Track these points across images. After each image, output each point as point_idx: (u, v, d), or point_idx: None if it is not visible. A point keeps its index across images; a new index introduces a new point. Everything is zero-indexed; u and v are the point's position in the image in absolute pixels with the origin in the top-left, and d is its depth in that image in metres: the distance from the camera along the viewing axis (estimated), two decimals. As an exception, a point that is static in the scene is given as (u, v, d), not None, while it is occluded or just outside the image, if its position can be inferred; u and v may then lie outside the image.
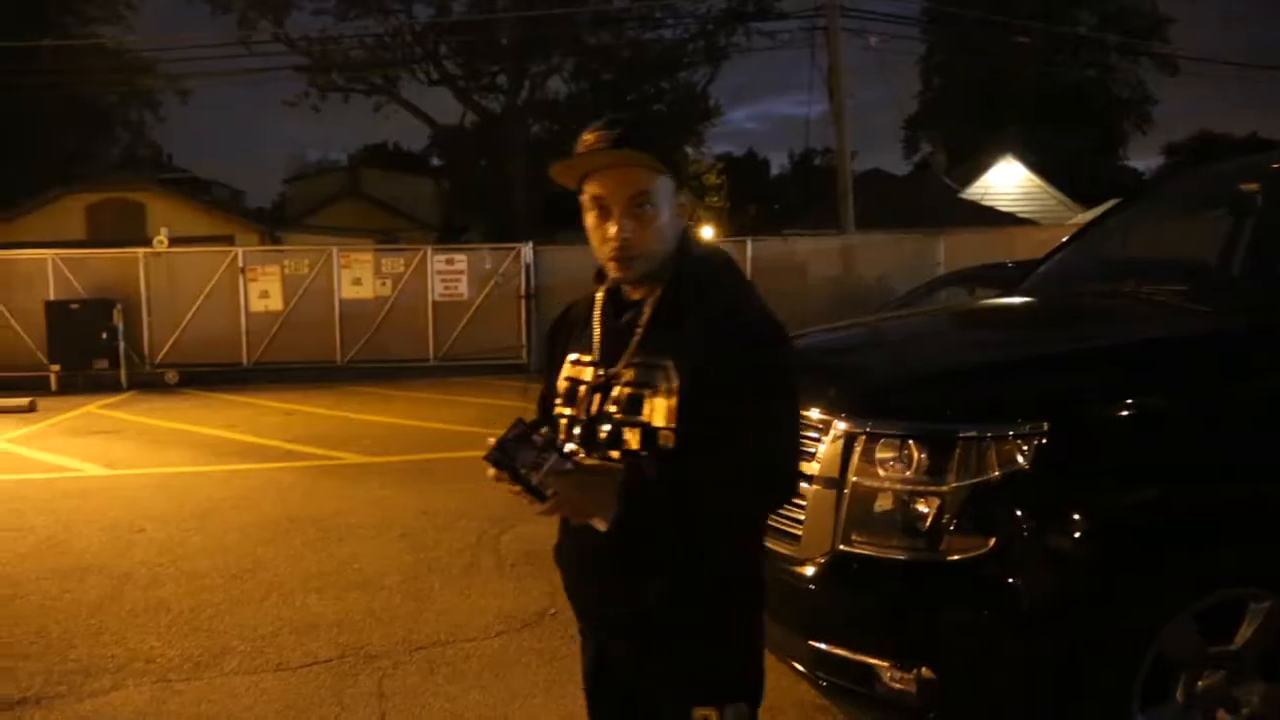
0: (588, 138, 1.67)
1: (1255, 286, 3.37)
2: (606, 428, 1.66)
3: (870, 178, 23.17)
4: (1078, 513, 2.37)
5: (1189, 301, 3.14)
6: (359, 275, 14.79)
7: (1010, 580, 2.38)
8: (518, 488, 1.53)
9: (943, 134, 33.21)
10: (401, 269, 14.88)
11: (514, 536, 5.49)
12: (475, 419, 10.01)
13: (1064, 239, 4.43)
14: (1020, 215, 21.54)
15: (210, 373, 14.12)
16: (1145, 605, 2.37)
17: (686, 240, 1.74)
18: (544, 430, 1.60)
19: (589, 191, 1.68)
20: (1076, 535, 2.36)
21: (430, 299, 14.77)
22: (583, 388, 1.72)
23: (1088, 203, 21.73)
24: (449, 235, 26.44)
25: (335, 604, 4.49)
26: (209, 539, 5.64)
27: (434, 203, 30.49)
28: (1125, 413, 2.47)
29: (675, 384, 1.61)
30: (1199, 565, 2.46)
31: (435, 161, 34.32)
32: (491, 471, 1.54)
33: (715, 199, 25.41)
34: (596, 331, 1.75)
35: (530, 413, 1.79)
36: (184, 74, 24.69)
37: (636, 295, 1.72)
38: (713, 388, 1.60)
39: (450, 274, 14.83)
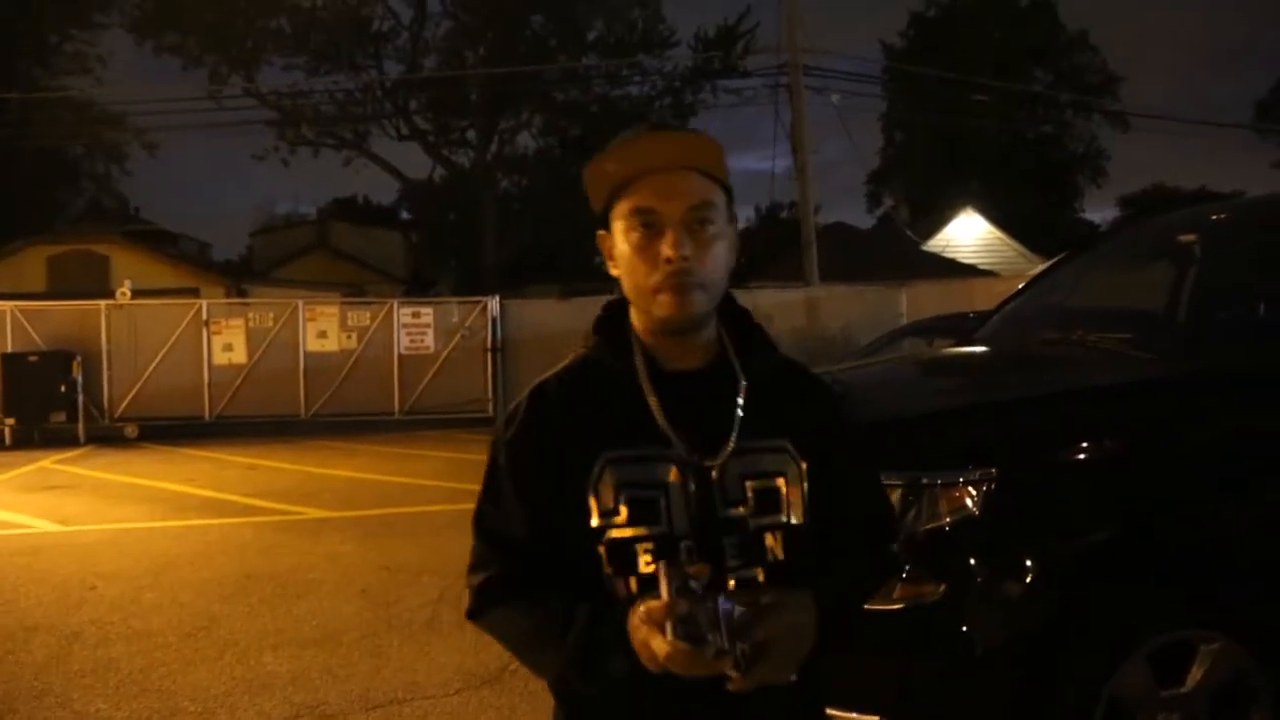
0: (637, 137, 1.29)
1: (1197, 334, 3.46)
2: (735, 540, 1.26)
3: (834, 231, 23.51)
4: (1028, 557, 2.39)
5: (1134, 349, 3.21)
6: (324, 328, 14.73)
7: (963, 626, 2.39)
8: (705, 661, 1.10)
9: (905, 188, 33.88)
10: (367, 322, 14.85)
11: (476, 590, 5.43)
12: (440, 473, 9.93)
13: (1017, 289, 4.53)
14: (981, 267, 21.93)
15: (171, 427, 13.93)
16: (1098, 649, 2.39)
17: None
18: (696, 568, 1.14)
19: (631, 203, 1.27)
20: (1028, 579, 2.39)
21: (396, 352, 14.73)
22: (663, 493, 1.26)
23: (1046, 254, 22.13)
24: (417, 288, 26.42)
25: (291, 662, 4.40)
26: (162, 596, 5.52)
27: (403, 256, 30.51)
28: (1073, 457, 2.51)
29: (804, 467, 1.31)
30: (1150, 608, 2.48)
31: (404, 215, 34.45)
32: (682, 653, 1.09)
33: (682, 252, 25.70)
34: (659, 411, 1.28)
35: None
36: (153, 127, 24.75)
37: (691, 362, 1.32)
38: (830, 466, 1.34)
39: (416, 327, 14.81)
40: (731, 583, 1.22)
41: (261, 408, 14.38)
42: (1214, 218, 4.15)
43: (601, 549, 1.27)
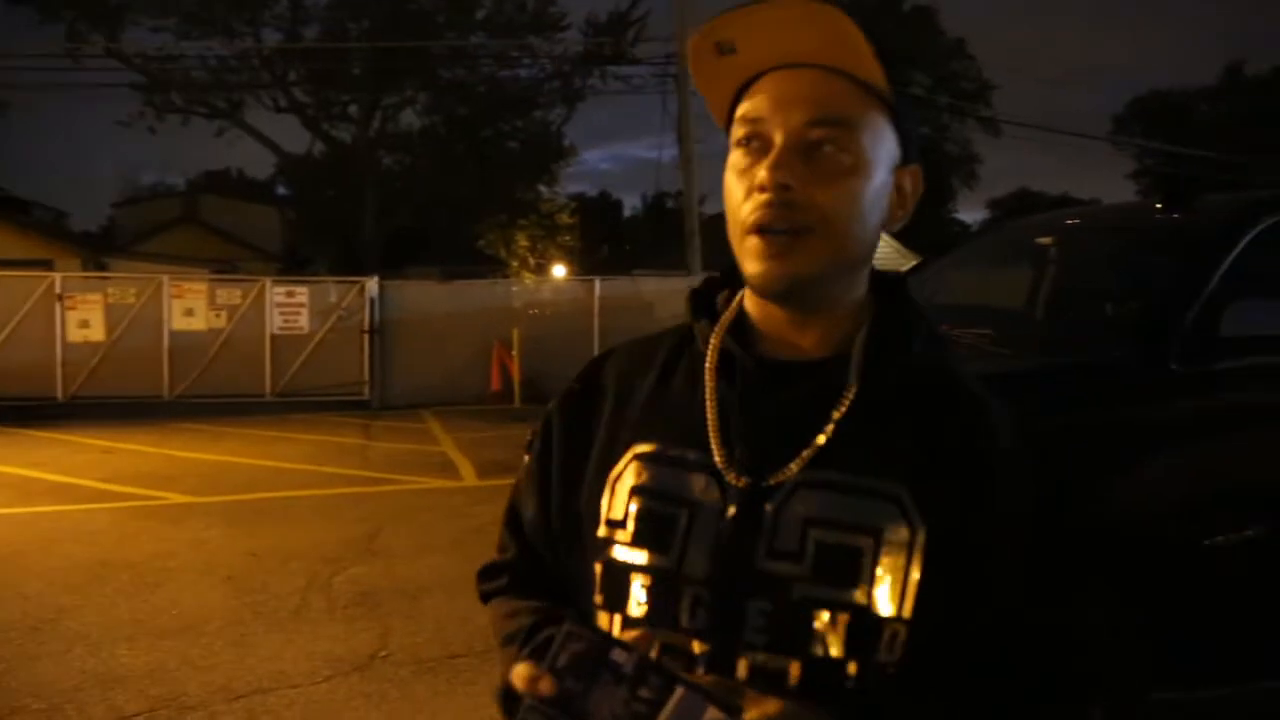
0: (753, 6, 0.87)
1: (1052, 332, 3.67)
2: (766, 607, 0.85)
3: (719, 221, 23.78)
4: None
5: (992, 345, 3.37)
6: (191, 306, 14.07)
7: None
8: None
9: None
10: (238, 300, 14.26)
11: (347, 578, 5.31)
12: (312, 457, 9.66)
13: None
14: (858, 262, 22.59)
15: (19, 407, 13.06)
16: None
17: (884, 273, 0.99)
18: (633, 634, 0.83)
19: (741, 111, 0.91)
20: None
21: (268, 332, 14.20)
22: (686, 513, 0.89)
23: (921, 252, 23.03)
24: (293, 267, 25.59)
25: (148, 654, 4.21)
26: (5, 588, 5.18)
27: (279, 233, 29.52)
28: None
29: (922, 536, 0.85)
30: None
31: (281, 191, 33.24)
32: None
33: (568, 238, 25.57)
34: (711, 402, 0.92)
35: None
36: (2, 84, 23.09)
37: (805, 352, 0.93)
38: (970, 544, 0.86)
39: (290, 307, 14.32)
40: (704, 675, 0.84)
41: (121, 388, 13.63)
42: (1069, 222, 4.39)
43: (598, 568, 0.94)
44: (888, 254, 24.14)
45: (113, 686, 3.85)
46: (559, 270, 23.87)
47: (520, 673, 0.78)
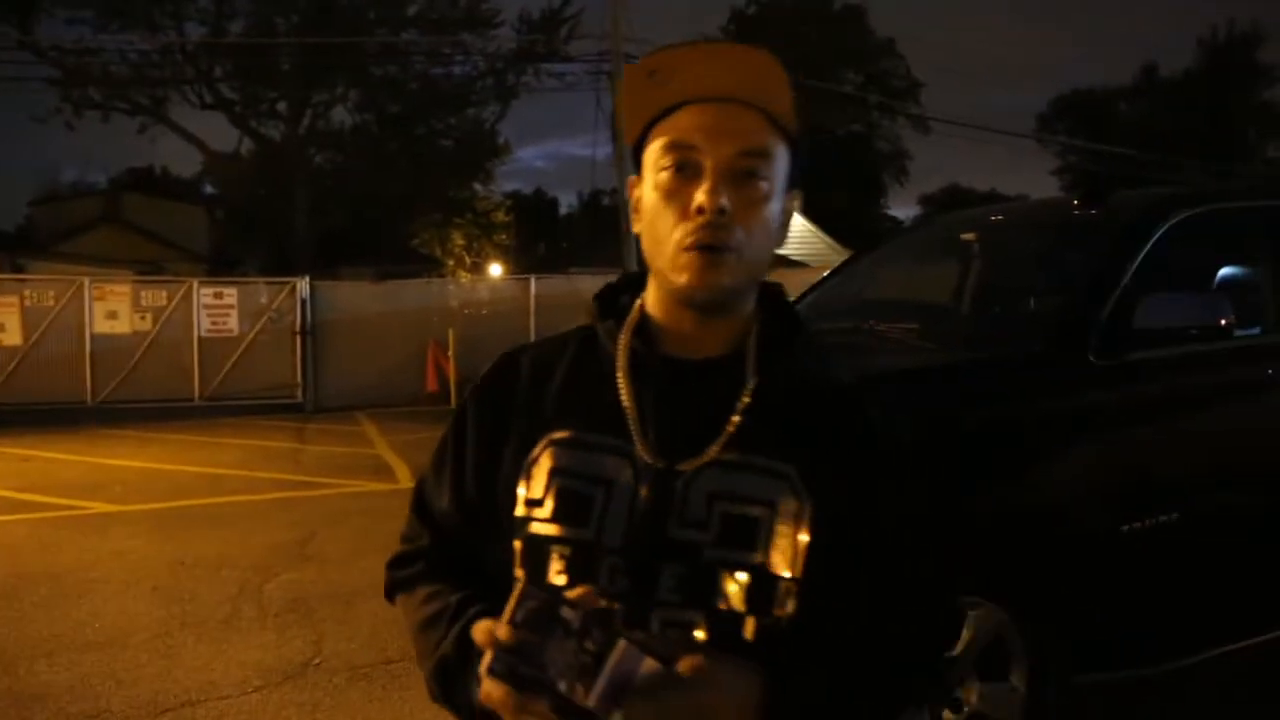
0: (692, 47, 1.01)
1: (976, 326, 3.76)
2: (679, 569, 0.97)
3: (655, 219, 23.87)
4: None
5: (918, 339, 3.44)
6: (115, 308, 13.68)
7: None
8: (530, 712, 0.83)
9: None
10: (164, 302, 13.91)
11: (279, 585, 5.21)
12: (242, 461, 9.45)
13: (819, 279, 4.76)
14: (793, 258, 22.87)
15: (-69, 415, 12.58)
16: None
17: (767, 282, 1.09)
18: (576, 592, 0.86)
19: (668, 136, 1.00)
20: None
21: (196, 334, 13.87)
22: (602, 490, 1.00)
23: (853, 247, 23.33)
24: (221, 267, 24.97)
25: (69, 669, 4.07)
26: (-84, 603, 4.99)
27: (206, 233, 28.75)
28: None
29: (809, 508, 0.97)
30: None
31: (208, 189, 32.41)
32: (499, 695, 0.84)
33: (503, 236, 25.41)
34: (628, 393, 1.03)
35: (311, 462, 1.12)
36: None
37: (706, 351, 1.04)
38: (853, 522, 0.99)
39: (219, 308, 13.99)
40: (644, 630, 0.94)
41: (41, 394, 13.20)
42: (993, 219, 4.50)
43: (518, 544, 1.02)
44: (821, 250, 24.46)
45: (30, 705, 3.72)
46: (495, 269, 23.72)
47: (482, 627, 0.89)
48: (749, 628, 0.96)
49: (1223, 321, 2.94)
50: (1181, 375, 3.08)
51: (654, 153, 1.02)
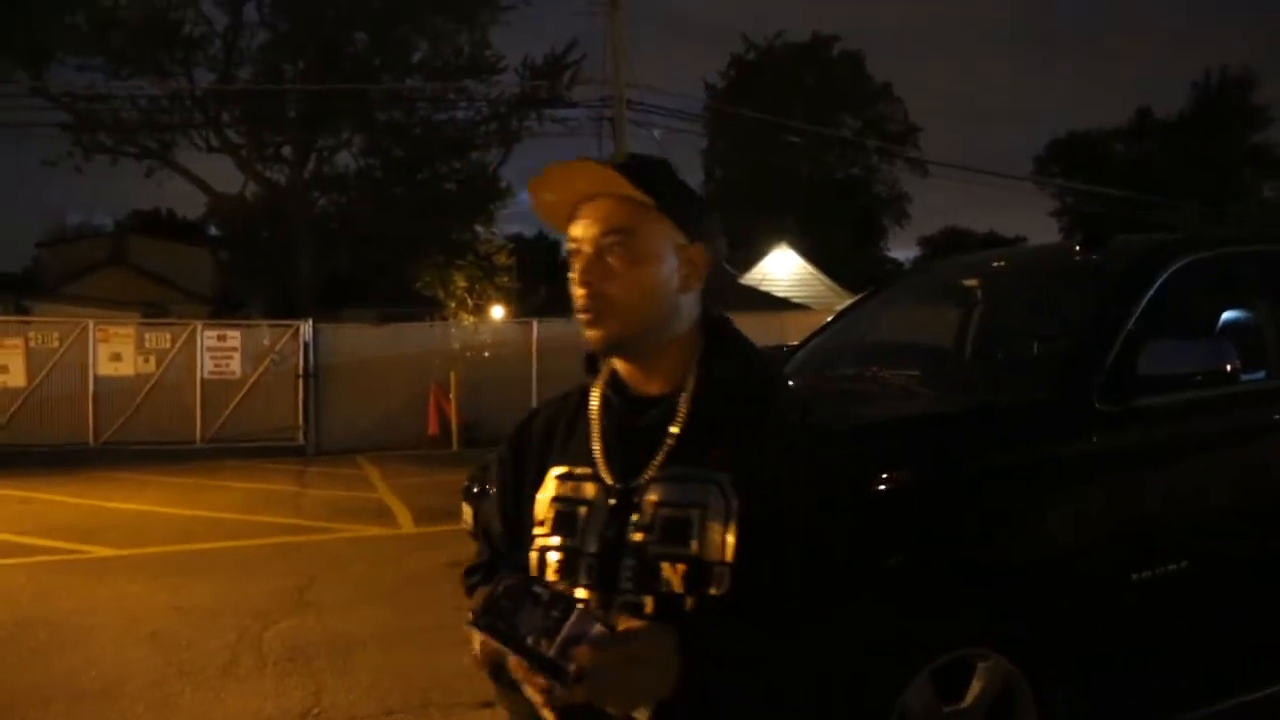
0: (547, 168, 1.32)
1: (979, 372, 3.75)
2: (632, 564, 1.24)
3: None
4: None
5: (920, 386, 3.43)
6: (119, 350, 13.72)
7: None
8: (524, 668, 1.12)
9: (724, 222, 35.10)
10: (168, 344, 13.97)
11: (278, 633, 5.15)
12: (243, 505, 9.41)
13: (823, 324, 4.76)
14: (794, 300, 22.96)
15: (-68, 458, 12.55)
16: (887, 670, 2.52)
17: (717, 318, 1.39)
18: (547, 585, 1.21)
19: (569, 233, 1.32)
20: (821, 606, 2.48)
21: (199, 376, 13.89)
22: (584, 509, 1.30)
23: (854, 290, 23.43)
24: (225, 309, 25.05)
25: (64, 718, 4.03)
26: (-88, 650, 4.94)
27: (210, 275, 28.88)
28: (858, 490, 2.63)
29: (735, 504, 1.22)
30: (936, 628, 2.64)
31: (213, 231, 32.60)
32: (478, 643, 1.19)
33: (506, 279, 25.47)
34: (596, 433, 1.34)
35: (312, 498, 1.54)
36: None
37: (653, 389, 1.33)
38: (781, 508, 1.23)
39: (222, 351, 14.03)
40: (583, 594, 1.26)
41: (44, 435, 13.21)
42: (994, 264, 4.51)
43: (533, 555, 1.35)
44: (821, 292, 24.54)
45: (25, 755, 3.67)
46: (497, 312, 23.77)
47: (477, 594, 1.30)
48: (688, 604, 1.22)
49: (1228, 367, 2.92)
50: (1187, 421, 3.06)
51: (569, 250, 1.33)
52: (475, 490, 4.30)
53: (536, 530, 1.34)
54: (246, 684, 4.41)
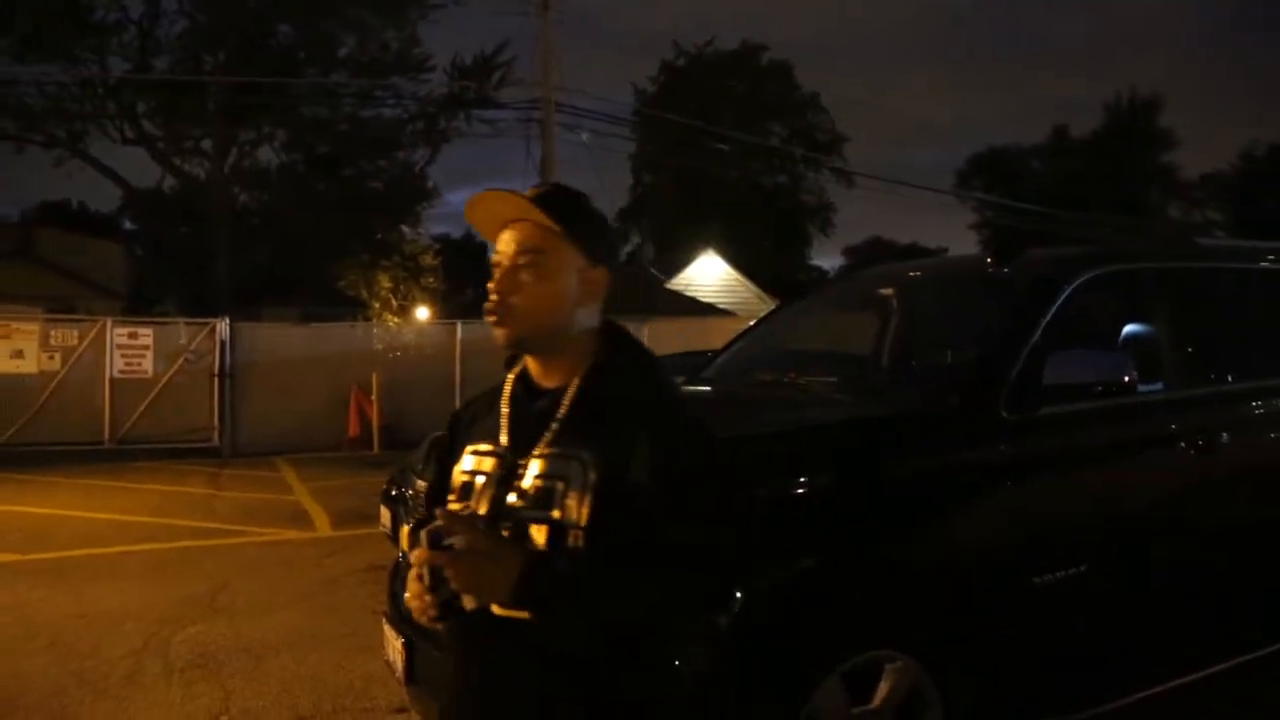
0: (484, 194, 1.58)
1: (893, 379, 3.84)
2: (509, 524, 1.48)
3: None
4: (735, 588, 2.51)
5: (836, 392, 3.50)
6: (21, 346, 13.16)
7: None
8: (423, 554, 1.40)
9: (651, 227, 35.23)
10: (75, 342, 13.44)
11: (186, 638, 5.00)
12: (153, 508, 9.12)
13: (742, 330, 4.82)
14: (720, 306, 23.15)
15: None
16: (798, 671, 2.56)
17: (613, 326, 1.61)
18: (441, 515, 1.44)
19: (494, 250, 1.58)
20: (735, 610, 2.51)
21: (108, 375, 13.41)
22: (481, 479, 1.56)
23: (779, 296, 23.73)
24: (140, 306, 24.25)
25: (-47, 731, 3.86)
26: None
27: (125, 270, 27.92)
28: (771, 494, 2.68)
29: (593, 478, 1.45)
30: (844, 631, 2.69)
31: (128, 226, 31.53)
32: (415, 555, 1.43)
33: (431, 280, 25.14)
34: (504, 416, 1.60)
35: (228, 501, 1.60)
36: None
37: (551, 382, 1.57)
38: (635, 485, 1.45)
39: (133, 349, 13.56)
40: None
41: (-63, 436, 12.61)
42: (910, 274, 4.62)
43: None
44: (747, 298, 24.83)
45: (-90, 770, 3.50)
46: (422, 313, 23.46)
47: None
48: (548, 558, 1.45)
49: (1126, 378, 3.05)
50: (1088, 430, 3.18)
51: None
52: (394, 493, 4.25)
53: (450, 497, 1.59)
54: (152, 692, 4.27)
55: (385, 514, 4.40)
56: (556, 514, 1.45)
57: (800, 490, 2.72)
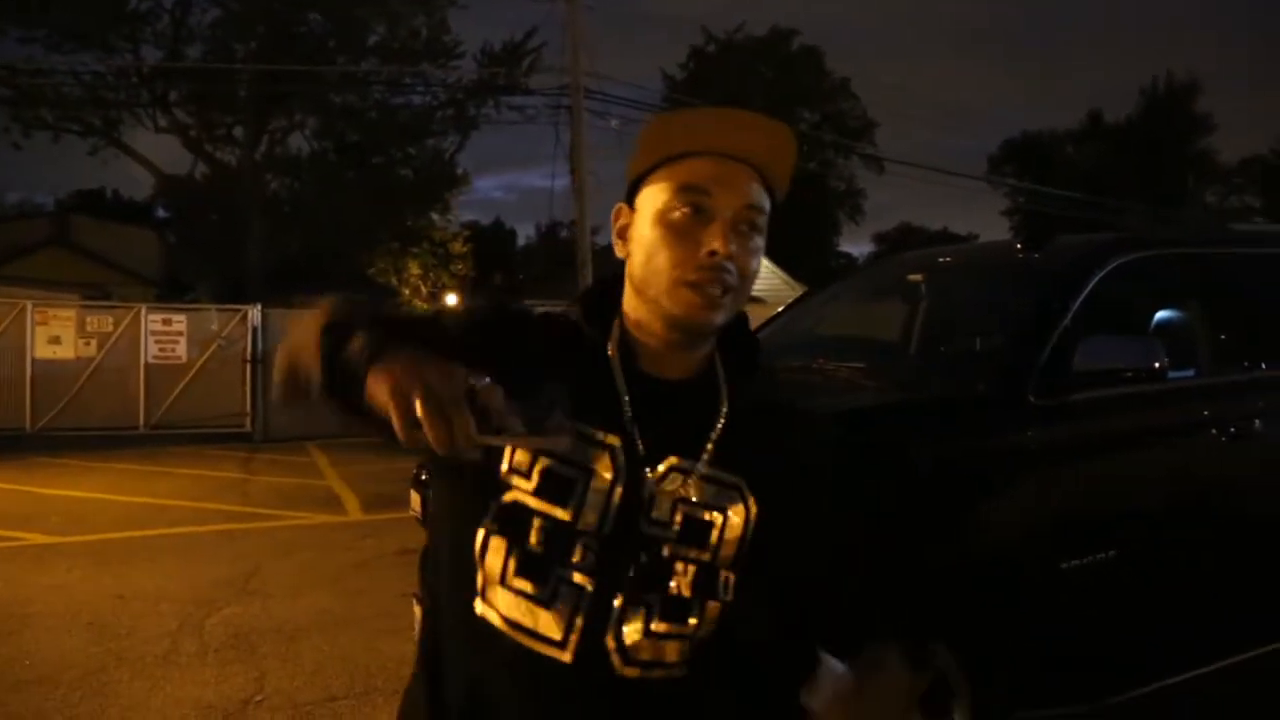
0: (730, 110, 1.16)
1: (923, 365, 3.82)
2: (643, 559, 1.12)
3: (610, 251, 23.98)
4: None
5: (864, 378, 3.49)
6: (58, 333, 13.39)
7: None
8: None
9: (681, 214, 35.13)
10: (111, 328, 13.65)
11: (221, 619, 5.10)
12: (187, 492, 9.27)
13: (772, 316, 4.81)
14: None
15: None
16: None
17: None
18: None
19: (681, 178, 1.12)
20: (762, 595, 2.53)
21: (143, 361, 13.62)
22: (583, 478, 1.11)
23: (809, 283, 23.61)
24: (173, 293, 24.57)
25: (-2, 707, 3.96)
26: None
27: (158, 257, 28.29)
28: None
29: (754, 513, 1.15)
30: (884, 619, 2.70)
31: (161, 213, 31.94)
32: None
33: (461, 267, 25.31)
34: (626, 401, 1.15)
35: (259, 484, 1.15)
36: None
37: (673, 372, 1.18)
38: (794, 518, 1.18)
39: (167, 335, 13.77)
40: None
41: (-21, 421, 12.87)
42: (940, 260, 4.59)
43: (493, 503, 1.10)
44: (777, 285, 24.71)
45: (-43, 743, 3.60)
46: (451, 299, 23.61)
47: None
48: (692, 608, 1.13)
49: (1156, 365, 3.02)
50: (1117, 416, 3.16)
51: (662, 191, 1.13)
52: (424, 478, 4.30)
53: (507, 474, 1.10)
54: (188, 671, 4.36)
55: (415, 498, 4.44)
56: (709, 555, 1.14)
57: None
